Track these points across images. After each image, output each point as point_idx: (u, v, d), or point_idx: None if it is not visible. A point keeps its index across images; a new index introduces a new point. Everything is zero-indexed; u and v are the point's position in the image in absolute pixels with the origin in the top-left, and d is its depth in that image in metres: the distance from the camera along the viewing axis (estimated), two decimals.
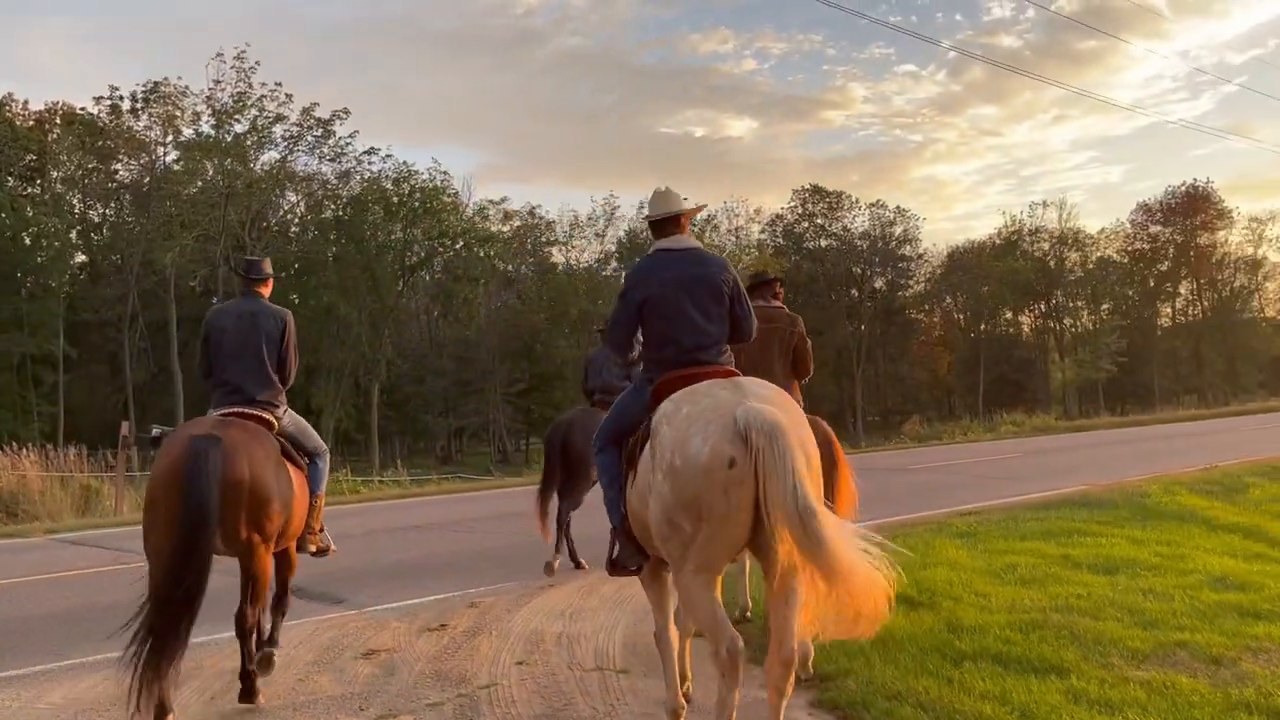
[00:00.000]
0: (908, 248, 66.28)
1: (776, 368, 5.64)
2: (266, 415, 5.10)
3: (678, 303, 4.11)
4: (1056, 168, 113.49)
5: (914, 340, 68.06)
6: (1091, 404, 60.26)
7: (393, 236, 46.59)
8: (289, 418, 5.37)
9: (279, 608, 5.44)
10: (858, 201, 65.65)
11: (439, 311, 50.46)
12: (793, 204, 65.39)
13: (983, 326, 69.80)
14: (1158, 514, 9.82)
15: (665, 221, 4.36)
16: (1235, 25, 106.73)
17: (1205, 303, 70.28)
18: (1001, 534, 8.89)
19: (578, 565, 8.43)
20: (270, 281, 5.54)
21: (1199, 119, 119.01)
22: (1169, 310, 71.88)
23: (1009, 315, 71.39)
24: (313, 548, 5.54)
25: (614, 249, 54.62)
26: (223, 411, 4.99)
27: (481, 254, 49.60)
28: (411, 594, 7.75)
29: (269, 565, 4.86)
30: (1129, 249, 68.76)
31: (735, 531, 3.47)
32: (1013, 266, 63.22)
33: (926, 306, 71.51)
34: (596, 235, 54.08)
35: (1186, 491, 11.25)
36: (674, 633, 4.34)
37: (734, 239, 57.56)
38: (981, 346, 66.69)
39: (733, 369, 4.18)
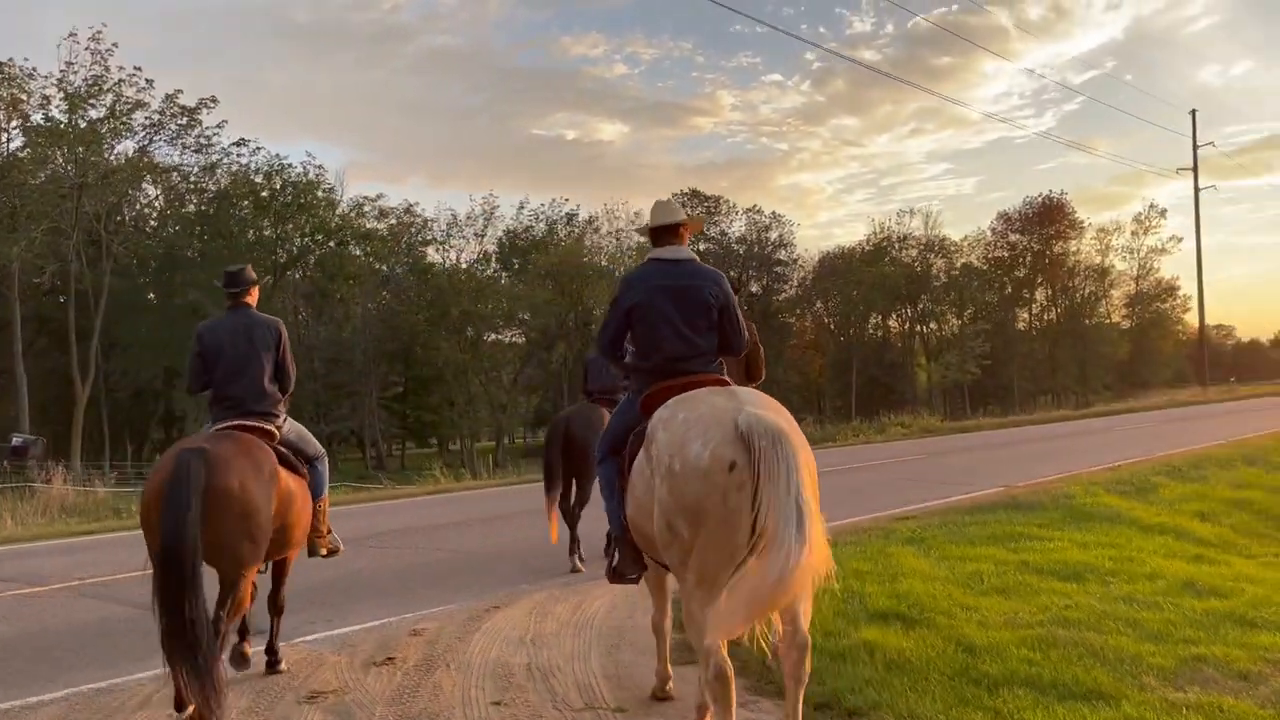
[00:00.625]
0: (783, 253, 67.51)
1: (732, 372, 5.52)
2: (267, 426, 5.17)
3: (665, 312, 4.12)
4: (914, 178, 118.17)
5: (788, 344, 69.20)
6: (958, 405, 62.43)
7: (264, 233, 44.38)
8: (289, 425, 5.44)
9: (276, 607, 5.62)
10: (735, 206, 66.57)
11: (310, 312, 48.29)
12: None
13: (852, 330, 71.49)
14: (1088, 516, 9.90)
15: (664, 231, 4.37)
16: (1076, 46, 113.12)
17: (1059, 308, 73.95)
18: (949, 539, 8.74)
19: (575, 568, 8.41)
20: (255, 289, 5.59)
21: (1043, 135, 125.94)
22: (1026, 315, 75.21)
23: (878, 320, 73.49)
24: (323, 550, 5.75)
25: (494, 249, 53.57)
26: (221, 425, 5.06)
27: (359, 253, 47.84)
28: (342, 621, 7.02)
29: (250, 579, 4.82)
30: (990, 256, 71.67)
31: (735, 538, 3.36)
32: (883, 272, 64.98)
33: (799, 310, 72.88)
34: (476, 235, 52.91)
35: (1104, 492, 11.43)
36: (668, 624, 4.66)
37: (614, 241, 57.20)
38: (853, 350, 68.35)
39: (724, 378, 4.17)
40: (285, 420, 5.41)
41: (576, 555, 8.48)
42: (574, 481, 8.52)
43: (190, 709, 4.27)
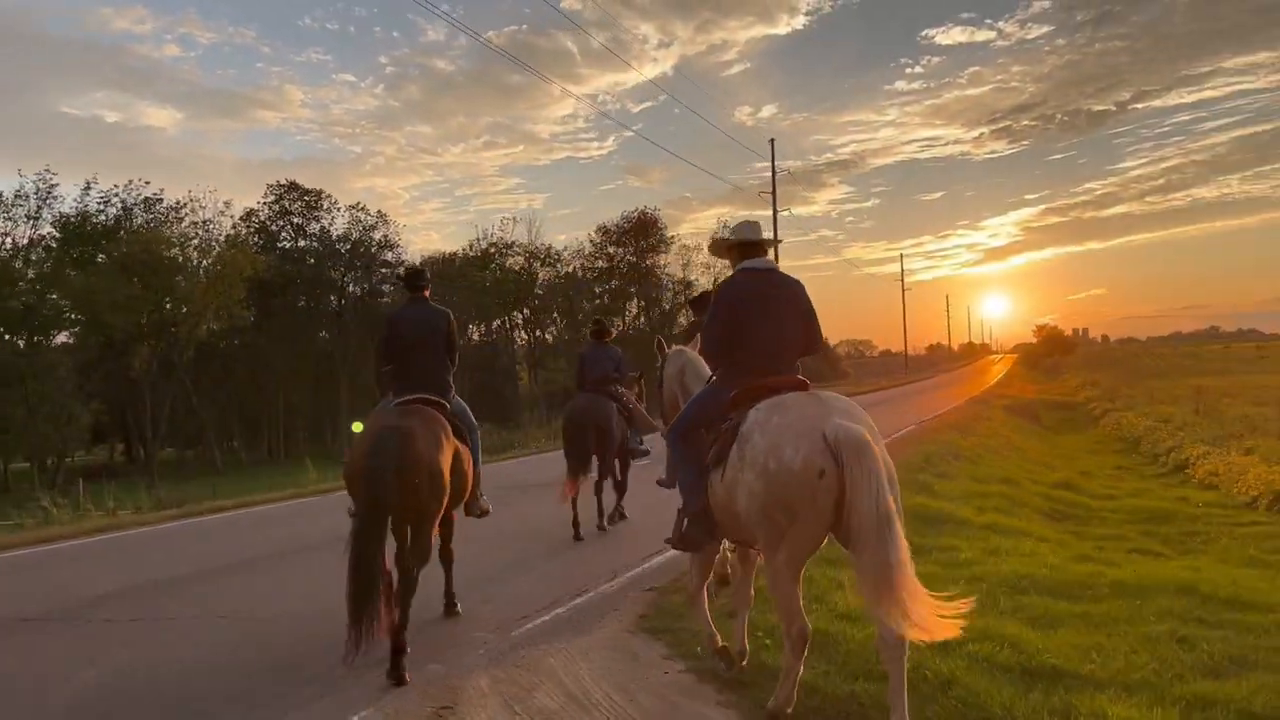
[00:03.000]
0: (389, 253, 65.13)
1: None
2: (442, 400, 6.00)
3: (756, 317, 4.62)
4: (488, 190, 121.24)
5: None
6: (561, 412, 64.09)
7: None
8: (456, 402, 6.25)
9: (446, 558, 6.39)
10: (337, 203, 63.03)
11: None
12: (268, 199, 60.72)
13: (466, 336, 70.88)
14: (935, 520, 9.53)
15: (751, 245, 4.92)
16: (634, 78, 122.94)
17: (649, 318, 78.74)
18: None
19: (580, 533, 9.25)
20: (429, 286, 6.53)
21: (605, 157, 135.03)
22: (621, 323, 79.21)
23: (484, 326, 73.57)
24: (478, 511, 6.58)
25: (53, 230, 45.57)
26: (402, 400, 5.87)
27: None
28: None
29: (433, 533, 5.56)
30: (591, 266, 74.55)
31: (818, 530, 3.98)
32: (496, 278, 65.11)
33: None
34: (28, 218, 44.84)
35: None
36: (704, 595, 5.10)
37: (202, 232, 51.30)
38: (464, 356, 67.87)
39: (804, 380, 4.59)
40: (453, 395, 6.28)
41: (605, 518, 9.77)
42: (596, 462, 9.52)
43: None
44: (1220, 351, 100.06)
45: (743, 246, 4.94)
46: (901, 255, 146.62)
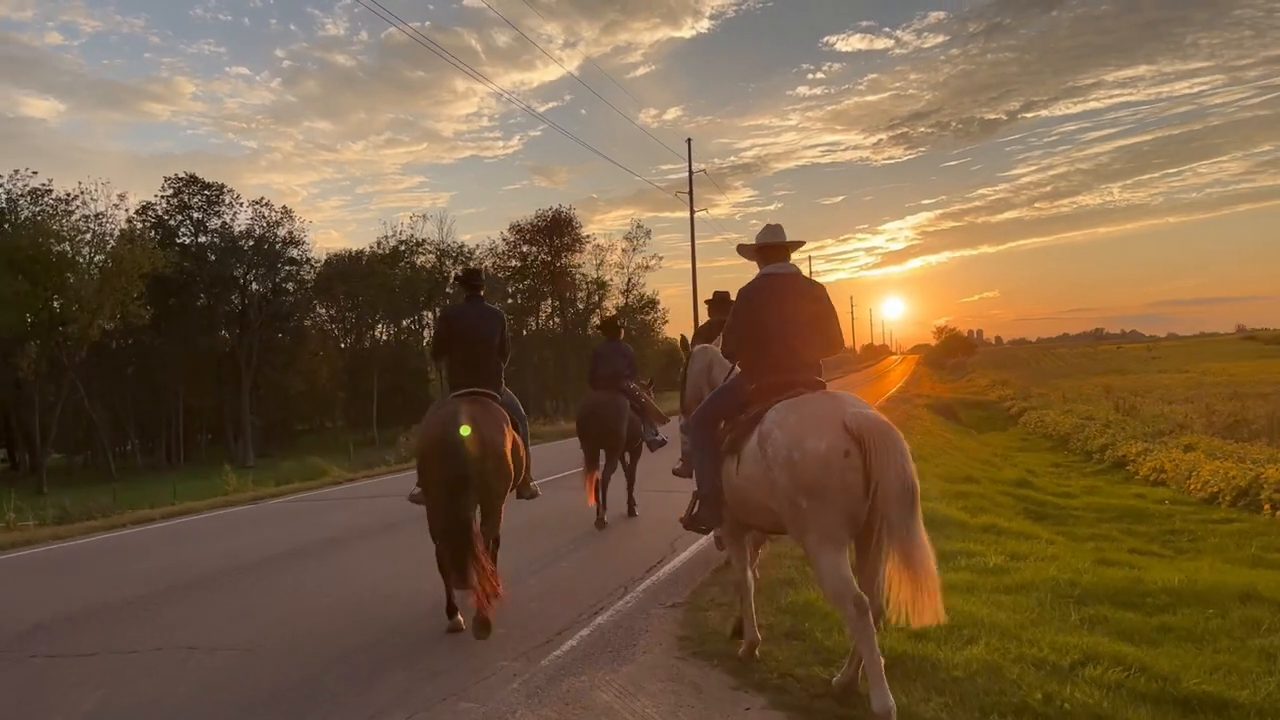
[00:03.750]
0: (295, 250, 62.81)
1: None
2: (493, 392, 6.47)
3: (781, 317, 4.77)
4: (390, 188, 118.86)
5: (303, 349, 64.65)
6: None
7: None
8: (506, 394, 6.71)
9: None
10: (240, 197, 60.46)
11: None
12: (166, 192, 57.87)
13: (374, 335, 68.98)
14: (933, 523, 9.09)
15: (774, 249, 5.05)
16: (540, 77, 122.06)
17: (564, 317, 77.81)
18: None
19: (603, 521, 9.64)
20: (484, 286, 6.96)
21: (510, 157, 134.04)
22: (535, 323, 78.12)
23: (388, 325, 71.72)
24: (529, 494, 7.04)
25: None
26: (461, 391, 6.32)
27: None
28: None
29: (503, 509, 6.13)
30: (504, 265, 73.28)
31: (851, 506, 4.05)
32: (407, 276, 63.42)
33: (313, 314, 68.64)
34: None
35: None
36: (750, 581, 5.15)
37: (95, 226, 48.50)
38: (373, 356, 65.83)
39: (820, 380, 4.75)
40: (503, 388, 6.64)
41: (630, 507, 10.31)
42: (606, 456, 9.84)
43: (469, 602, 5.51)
44: (1114, 352, 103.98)
45: (766, 250, 5.08)
46: (810, 257, 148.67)
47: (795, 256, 5.13)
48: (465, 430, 5.69)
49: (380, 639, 5.79)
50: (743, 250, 5.27)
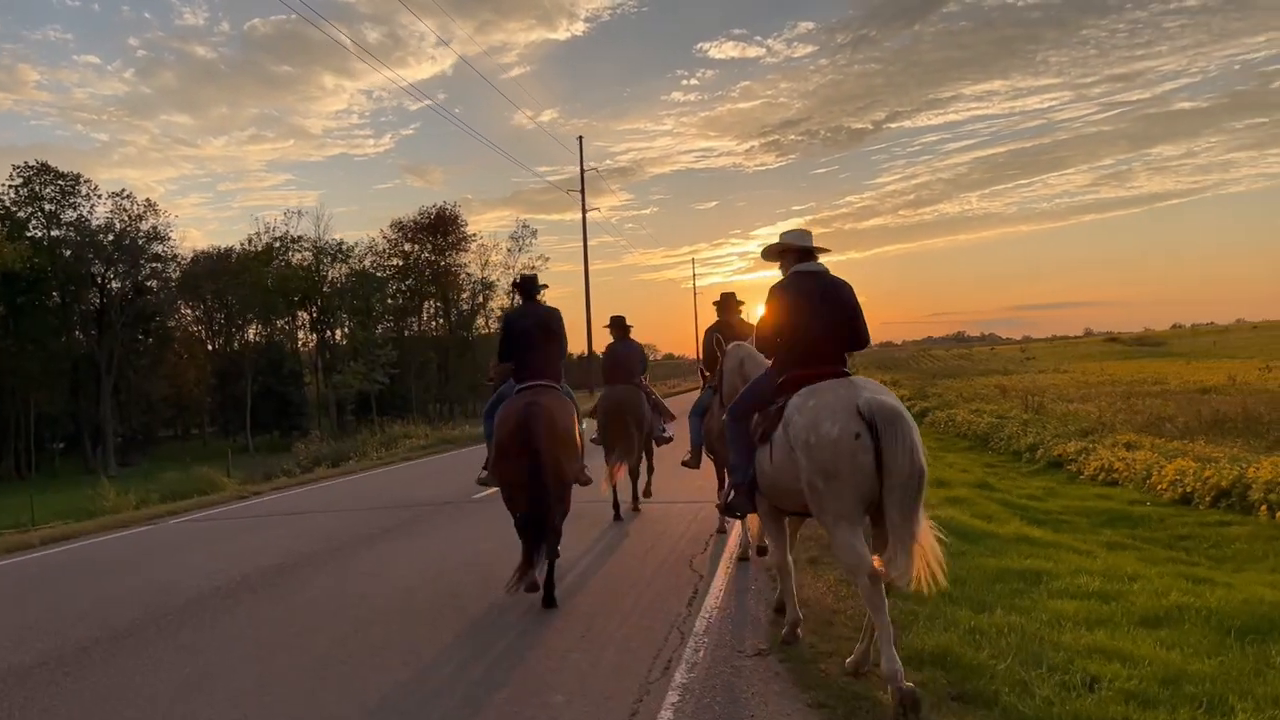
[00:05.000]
0: (161, 246, 58.79)
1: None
2: (556, 387, 7.00)
3: (809, 314, 4.95)
4: (255, 186, 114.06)
5: (169, 351, 60.59)
6: (365, 415, 60.02)
7: None
8: (564, 388, 7.22)
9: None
10: (98, 189, 56.20)
11: None
12: (15, 181, 53.24)
13: (244, 336, 65.26)
14: (964, 534, 8.19)
15: (801, 251, 5.24)
16: (411, 75, 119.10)
17: (448, 318, 75.41)
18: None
19: (620, 514, 10.12)
20: (541, 291, 7.78)
21: (382, 155, 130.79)
22: (417, 324, 75.48)
23: (261, 326, 68.05)
24: (585, 480, 7.17)
25: None
26: (524, 386, 6.84)
27: None
28: None
29: (571, 486, 6.84)
30: (386, 264, 70.55)
31: (863, 485, 4.28)
32: (282, 275, 60.16)
33: (178, 315, 64.52)
34: None
35: None
36: (789, 562, 5.49)
37: None
38: (246, 359, 62.18)
39: (846, 372, 4.84)
40: (564, 383, 7.29)
41: (636, 499, 10.69)
42: (632, 446, 10.03)
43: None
44: (989, 354, 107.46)
45: (794, 251, 5.24)
46: (694, 259, 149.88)
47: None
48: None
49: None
50: (768, 253, 5.41)
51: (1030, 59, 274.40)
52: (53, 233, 54.02)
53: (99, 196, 55.94)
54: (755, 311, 7.25)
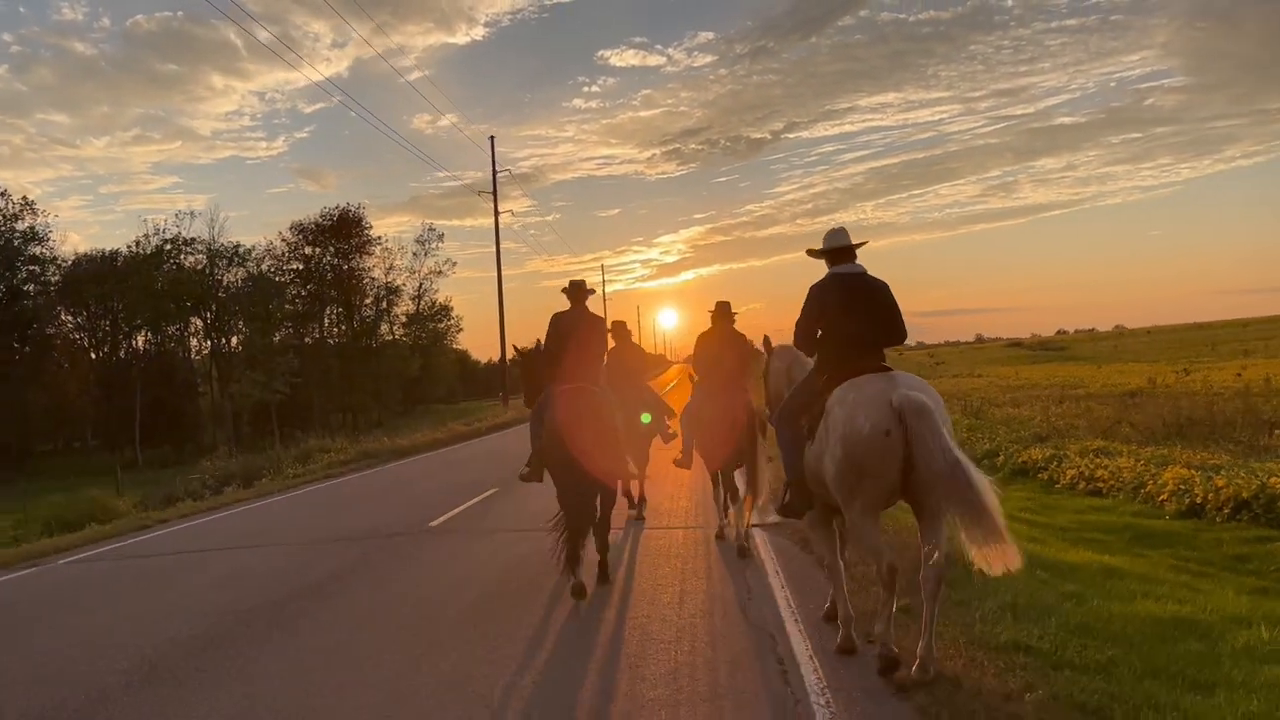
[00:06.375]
0: (38, 248, 54.60)
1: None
2: (596, 388, 7.33)
3: (848, 313, 5.09)
4: (139, 188, 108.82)
5: (48, 360, 56.31)
6: (264, 426, 56.78)
7: None
8: (602, 389, 7.55)
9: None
10: None
11: None
12: None
13: (132, 344, 61.14)
14: (1047, 565, 7.00)
15: (840, 251, 5.35)
16: (306, 77, 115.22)
17: (352, 324, 72.35)
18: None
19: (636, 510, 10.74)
20: (588, 296, 7.75)
21: (275, 159, 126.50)
22: (319, 330, 72.19)
23: (157, 334, 63.92)
24: (625, 476, 8.03)
25: None
26: (570, 385, 7.12)
27: None
28: None
29: (618, 486, 7.63)
30: (285, 268, 67.22)
31: (889, 479, 4.52)
32: (174, 279, 56.53)
33: (58, 322, 60.13)
34: None
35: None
36: (840, 563, 5.47)
37: None
38: (134, 368, 58.20)
39: (887, 366, 5.01)
40: (603, 384, 7.74)
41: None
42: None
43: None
44: (897, 359, 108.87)
45: (834, 252, 5.34)
46: (603, 265, 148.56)
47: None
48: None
49: None
50: (812, 254, 5.52)
51: (922, 72, 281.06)
52: None
53: None
54: (658, 319, 7.66)
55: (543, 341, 7.57)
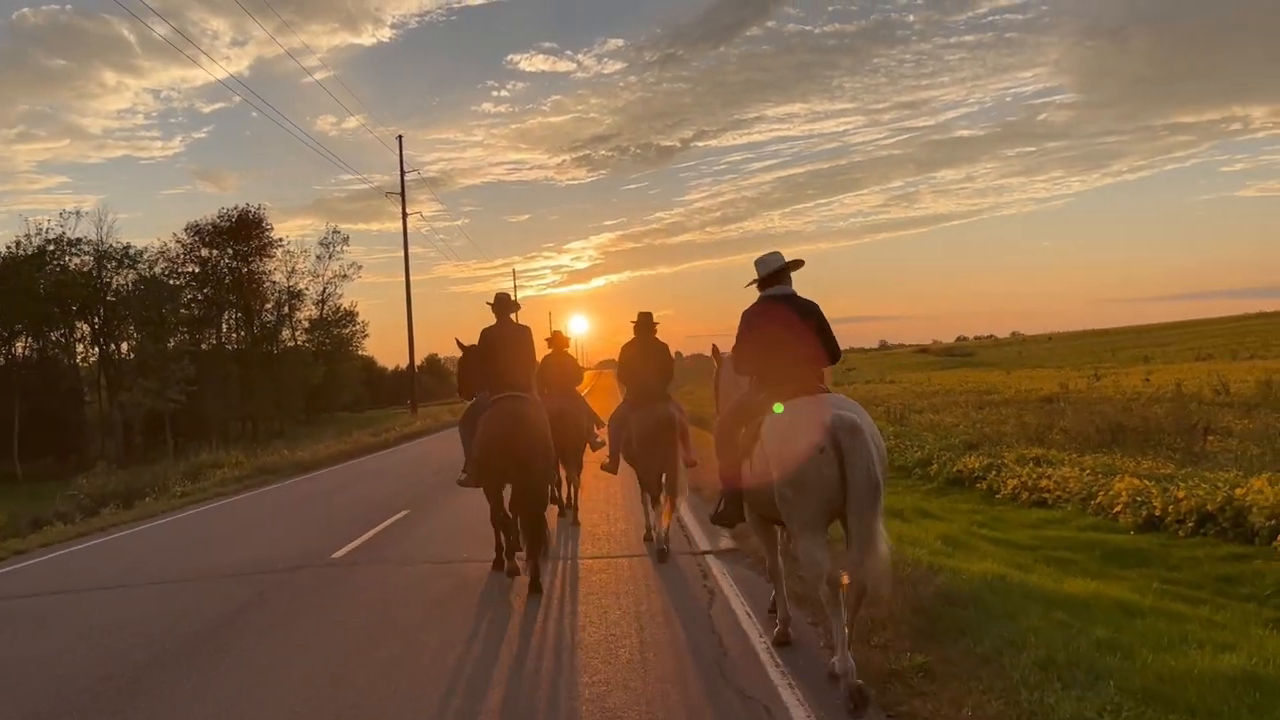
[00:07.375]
0: None
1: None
2: (528, 395, 7.68)
3: (782, 335, 5.23)
4: (24, 188, 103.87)
5: None
6: (158, 437, 53.73)
7: None
8: (534, 397, 7.91)
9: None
10: None
11: None
12: None
13: (11, 350, 57.18)
14: (1054, 602, 6.12)
15: (773, 274, 5.47)
16: (204, 75, 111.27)
17: (254, 331, 69.35)
18: None
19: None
20: (516, 309, 8.21)
21: (171, 159, 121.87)
22: (216, 336, 68.91)
23: (38, 339, 60.04)
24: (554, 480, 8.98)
25: None
26: (503, 395, 7.52)
27: None
28: None
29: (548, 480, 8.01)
30: (180, 270, 63.97)
31: (827, 495, 4.62)
32: (58, 281, 53.09)
33: None
34: None
35: None
36: (780, 564, 5.83)
37: None
38: (13, 375, 54.39)
39: (823, 387, 5.15)
40: (535, 394, 7.97)
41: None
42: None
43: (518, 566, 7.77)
44: None
45: (768, 277, 5.49)
46: (514, 271, 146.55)
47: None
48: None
49: None
50: (751, 284, 5.59)
51: (827, 84, 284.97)
52: None
53: None
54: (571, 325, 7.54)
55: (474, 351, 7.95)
